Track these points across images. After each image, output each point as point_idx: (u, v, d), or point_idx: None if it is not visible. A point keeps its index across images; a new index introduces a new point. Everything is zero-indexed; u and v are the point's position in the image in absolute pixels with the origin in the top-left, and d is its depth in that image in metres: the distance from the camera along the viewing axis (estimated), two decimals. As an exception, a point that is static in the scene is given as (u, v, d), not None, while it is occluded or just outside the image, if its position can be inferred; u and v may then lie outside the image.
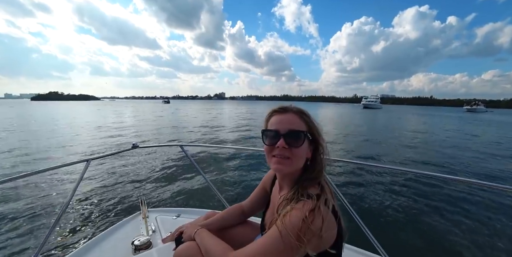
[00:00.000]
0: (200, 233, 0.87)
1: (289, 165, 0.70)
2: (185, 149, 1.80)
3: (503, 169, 6.49)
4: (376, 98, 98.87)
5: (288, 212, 0.61)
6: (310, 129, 0.72)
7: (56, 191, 4.33)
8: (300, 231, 0.56)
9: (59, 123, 17.44)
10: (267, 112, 0.78)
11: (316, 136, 0.73)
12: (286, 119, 0.71)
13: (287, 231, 0.57)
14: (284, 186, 0.80)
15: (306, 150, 0.72)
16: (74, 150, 7.96)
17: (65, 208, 1.20)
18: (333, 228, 0.63)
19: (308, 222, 0.57)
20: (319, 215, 0.59)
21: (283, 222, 0.59)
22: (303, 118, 0.72)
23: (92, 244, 1.31)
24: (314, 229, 0.57)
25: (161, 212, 1.69)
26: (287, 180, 0.77)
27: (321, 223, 0.58)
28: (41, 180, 4.76)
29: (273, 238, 0.59)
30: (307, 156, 0.73)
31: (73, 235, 2.90)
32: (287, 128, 0.69)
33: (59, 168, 1.31)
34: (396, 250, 2.61)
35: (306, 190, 0.67)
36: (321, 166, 0.73)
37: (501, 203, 4.00)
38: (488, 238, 2.97)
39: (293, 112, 0.73)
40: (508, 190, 0.94)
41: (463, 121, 29.54)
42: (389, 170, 4.51)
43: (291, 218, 0.59)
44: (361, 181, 4.95)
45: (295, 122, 0.71)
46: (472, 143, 11.22)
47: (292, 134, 0.69)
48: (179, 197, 4.10)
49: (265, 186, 1.00)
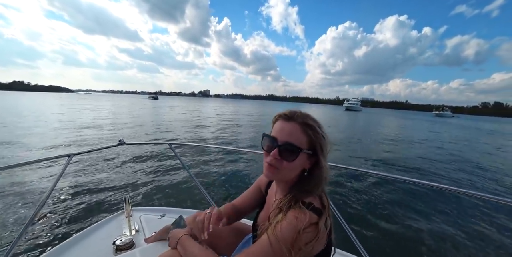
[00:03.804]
0: (182, 241, 0.81)
1: (277, 175, 0.70)
2: (173, 147, 1.75)
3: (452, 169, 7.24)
4: (357, 101, 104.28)
5: (279, 221, 0.61)
6: (312, 143, 0.67)
7: (34, 186, 4.03)
8: (292, 243, 0.56)
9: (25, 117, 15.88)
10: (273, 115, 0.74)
11: (318, 151, 0.67)
12: (287, 129, 0.67)
13: (278, 242, 0.57)
14: (279, 189, 0.79)
15: (302, 162, 0.69)
16: (53, 146, 7.32)
17: (43, 204, 1.12)
18: (323, 243, 0.63)
19: (301, 236, 0.57)
20: (314, 233, 0.59)
21: (274, 232, 0.59)
22: (306, 131, 0.66)
23: (70, 243, 1.24)
24: (306, 244, 0.58)
25: (146, 211, 1.64)
26: (282, 184, 0.77)
27: (314, 241, 0.59)
28: (16, 175, 4.44)
29: (263, 247, 0.59)
30: (305, 167, 0.71)
31: (50, 234, 2.72)
32: (285, 139, 0.66)
33: (38, 162, 1.22)
34: (379, 254, 2.76)
35: (300, 200, 0.66)
36: (319, 180, 0.69)
37: (478, 208, 4.26)
38: (468, 241, 3.17)
39: (297, 122, 0.67)
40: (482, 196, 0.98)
41: (432, 124, 32.64)
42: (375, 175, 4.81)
43: (282, 228, 0.58)
44: (347, 185, 5.07)
45: (296, 134, 0.66)
46: (438, 147, 12.27)
47: (287, 147, 0.66)
48: (165, 196, 3.98)
49: (260, 186, 0.98)
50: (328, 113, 48.67)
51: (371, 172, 1.27)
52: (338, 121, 28.22)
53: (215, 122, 17.92)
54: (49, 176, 4.57)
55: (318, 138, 0.67)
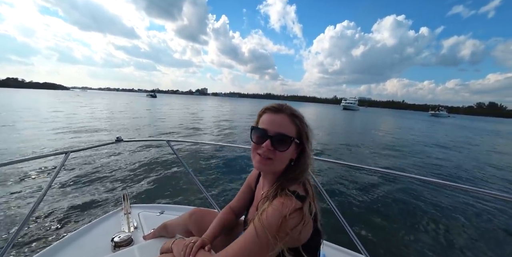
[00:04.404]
0: (178, 242, 0.81)
1: (270, 166, 0.71)
2: (171, 144, 1.75)
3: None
4: (355, 100, 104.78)
5: (265, 209, 0.62)
6: (300, 133, 0.71)
7: (31, 183, 4.01)
8: (278, 229, 0.57)
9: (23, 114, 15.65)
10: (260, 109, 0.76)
11: (304, 140, 0.72)
12: (277, 120, 0.70)
13: (263, 229, 0.57)
14: (266, 183, 0.81)
15: (292, 152, 0.71)
16: (49, 144, 7.24)
17: (40, 201, 1.11)
18: (309, 229, 0.64)
19: (287, 222, 0.57)
20: (299, 218, 0.60)
21: (260, 219, 0.60)
22: (295, 121, 0.71)
23: (69, 240, 1.25)
24: (292, 229, 0.58)
25: (144, 208, 1.65)
26: (269, 177, 0.79)
27: (300, 226, 0.59)
28: (13, 172, 4.40)
29: (250, 236, 0.60)
30: (292, 157, 0.73)
31: (48, 230, 2.72)
32: (276, 130, 0.69)
33: (34, 159, 1.21)
34: (376, 249, 2.79)
35: (286, 188, 0.67)
36: (304, 168, 0.73)
37: (475, 204, 4.33)
38: (466, 238, 3.21)
39: (285, 114, 0.71)
40: (485, 194, 0.99)
41: (428, 124, 32.97)
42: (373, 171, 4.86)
43: (268, 215, 0.59)
44: (344, 180, 5.13)
45: (286, 125, 0.69)
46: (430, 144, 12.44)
47: (280, 137, 0.68)
48: (164, 193, 3.98)
49: (250, 184, 1.00)
50: (326, 112, 49.06)
51: (370, 168, 1.29)
52: (336, 120, 28.41)
53: (213, 120, 17.90)
54: (46, 173, 4.55)
55: (304, 127, 0.72)
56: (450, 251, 2.92)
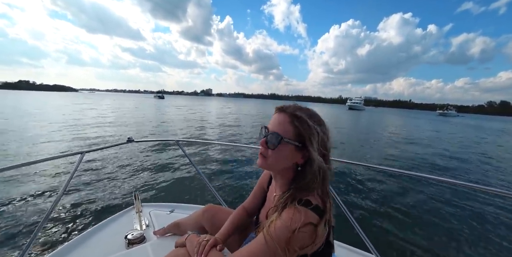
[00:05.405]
0: (191, 238, 0.83)
1: (264, 164, 0.72)
2: (181, 144, 1.78)
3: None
4: (360, 100, 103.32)
5: (274, 221, 0.61)
6: (300, 134, 0.66)
7: (48, 183, 4.15)
8: (287, 243, 0.57)
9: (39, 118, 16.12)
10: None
11: (307, 144, 0.66)
12: (278, 119, 0.70)
13: (272, 240, 0.58)
14: (278, 186, 0.80)
15: (289, 154, 0.68)
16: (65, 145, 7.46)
17: (58, 200, 1.16)
18: (321, 242, 0.63)
19: (296, 236, 0.57)
20: (310, 233, 0.59)
21: (269, 231, 0.59)
22: (294, 122, 0.67)
23: (84, 238, 1.29)
24: (301, 248, 0.58)
25: (155, 207, 1.68)
26: (278, 178, 0.78)
27: (311, 241, 0.59)
28: (32, 172, 4.55)
29: (260, 244, 0.60)
30: (297, 162, 0.70)
31: (65, 229, 2.82)
32: (273, 129, 0.69)
33: (51, 160, 1.26)
34: (386, 249, 2.76)
35: (298, 198, 0.65)
36: (313, 176, 0.66)
37: (489, 204, 4.24)
38: (477, 238, 3.14)
39: (286, 113, 0.69)
40: (493, 192, 0.96)
41: (433, 123, 32.17)
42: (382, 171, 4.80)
43: (276, 228, 0.59)
44: (354, 180, 5.11)
45: (283, 124, 0.68)
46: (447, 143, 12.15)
47: (272, 136, 0.68)
48: (174, 192, 4.05)
49: (262, 185, 1.00)
50: (331, 112, 48.54)
51: (379, 167, 1.28)
52: (342, 120, 28.09)
53: (221, 120, 18.00)
54: (61, 173, 4.68)
55: (307, 130, 0.66)
56: (463, 252, 2.84)
